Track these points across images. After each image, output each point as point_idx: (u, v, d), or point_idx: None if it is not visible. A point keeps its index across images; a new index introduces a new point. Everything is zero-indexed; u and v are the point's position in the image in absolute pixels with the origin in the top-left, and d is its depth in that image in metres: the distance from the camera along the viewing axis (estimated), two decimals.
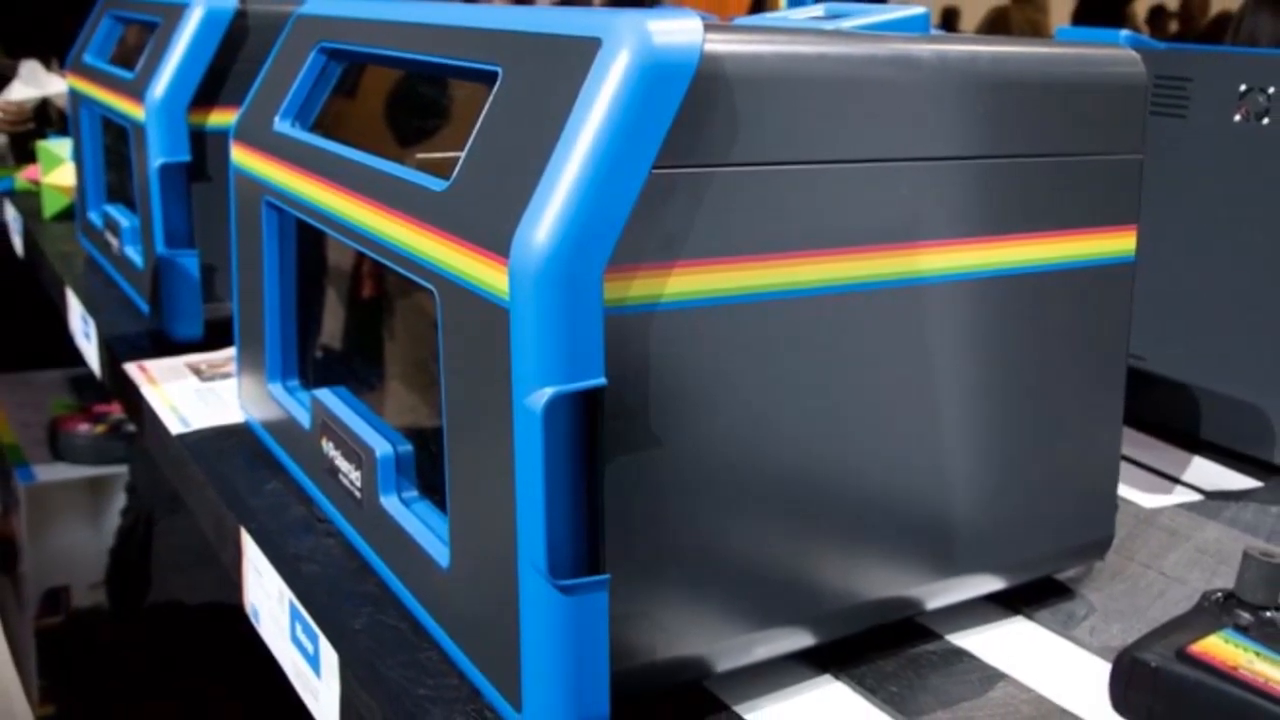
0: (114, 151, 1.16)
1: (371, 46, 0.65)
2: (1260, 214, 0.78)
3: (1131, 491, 0.77)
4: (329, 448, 0.66)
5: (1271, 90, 0.76)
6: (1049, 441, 0.59)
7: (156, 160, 0.94)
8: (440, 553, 0.54)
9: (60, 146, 1.44)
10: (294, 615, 0.61)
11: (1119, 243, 0.60)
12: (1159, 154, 0.83)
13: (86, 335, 1.08)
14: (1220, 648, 0.49)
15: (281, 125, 0.71)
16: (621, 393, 0.46)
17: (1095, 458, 0.61)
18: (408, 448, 0.60)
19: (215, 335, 0.97)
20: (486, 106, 0.51)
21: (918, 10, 0.59)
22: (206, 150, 0.96)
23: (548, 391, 0.44)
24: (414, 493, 0.60)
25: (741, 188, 0.48)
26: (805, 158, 0.50)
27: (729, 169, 0.48)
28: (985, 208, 0.55)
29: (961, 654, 0.57)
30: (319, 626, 0.58)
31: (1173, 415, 0.85)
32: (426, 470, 0.60)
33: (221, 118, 0.96)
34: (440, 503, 0.57)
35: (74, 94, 1.22)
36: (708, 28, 0.47)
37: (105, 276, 1.17)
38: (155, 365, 0.94)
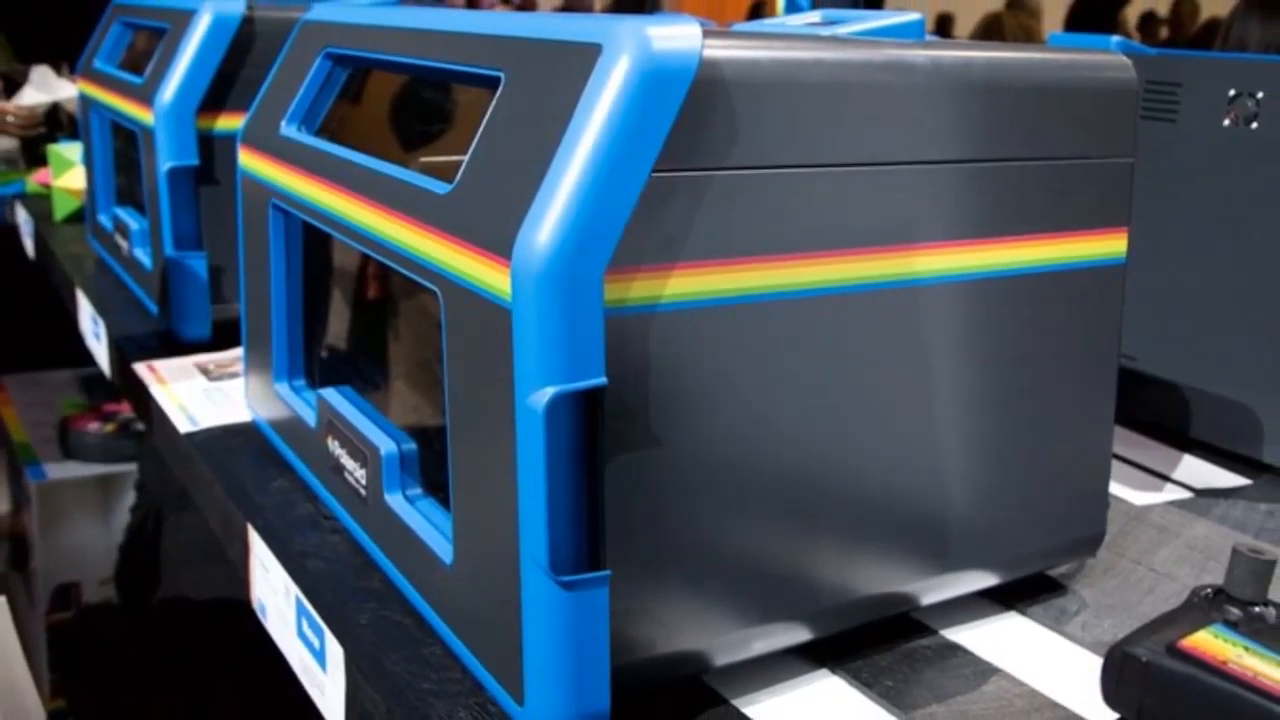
0: (123, 155, 1.16)
1: (376, 52, 0.66)
2: (1249, 216, 0.78)
3: (1123, 489, 0.77)
4: (334, 446, 0.66)
5: (1260, 95, 0.77)
6: (1043, 440, 0.60)
7: (165, 164, 0.94)
8: (444, 549, 0.55)
9: (70, 150, 1.45)
10: (300, 611, 0.61)
11: (1111, 245, 0.61)
12: (1150, 157, 0.83)
13: (96, 335, 1.09)
14: (1210, 643, 0.49)
15: (288, 129, 0.72)
16: (622, 392, 0.47)
17: (1087, 456, 0.62)
18: (412, 446, 0.61)
19: (223, 336, 0.98)
20: (489, 111, 0.51)
21: (913, 16, 0.60)
22: (214, 154, 0.96)
23: (549, 391, 0.45)
24: (418, 490, 0.61)
25: (740, 190, 0.49)
26: (803, 161, 0.50)
27: (728, 172, 0.48)
28: (980, 210, 0.56)
29: (956, 649, 0.58)
30: (325, 622, 0.58)
31: (1163, 414, 0.85)
32: (430, 468, 0.60)
33: (229, 122, 0.97)
34: (444, 500, 0.57)
35: (84, 99, 1.23)
36: (706, 33, 0.48)
37: (115, 278, 1.17)
38: (164, 365, 0.95)
